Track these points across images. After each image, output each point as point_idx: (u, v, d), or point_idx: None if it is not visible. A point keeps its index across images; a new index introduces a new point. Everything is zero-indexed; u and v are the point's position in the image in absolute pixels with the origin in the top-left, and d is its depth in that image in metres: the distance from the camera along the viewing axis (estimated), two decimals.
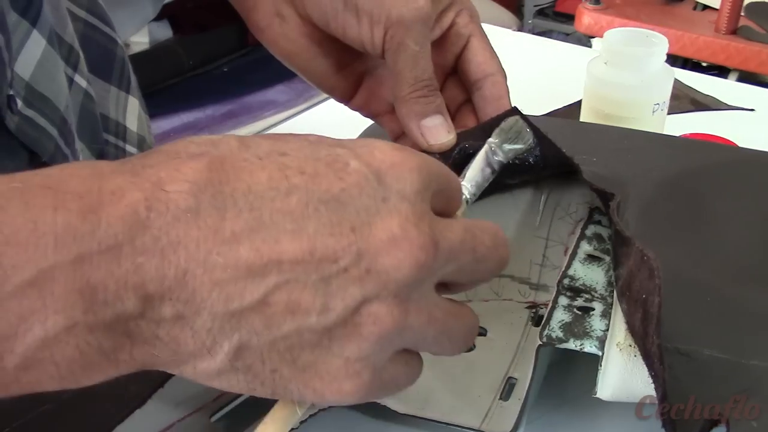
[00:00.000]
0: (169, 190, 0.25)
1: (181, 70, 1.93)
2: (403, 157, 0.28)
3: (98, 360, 0.25)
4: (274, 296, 0.26)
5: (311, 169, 0.27)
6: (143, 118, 0.66)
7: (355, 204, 0.27)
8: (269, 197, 0.26)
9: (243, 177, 0.26)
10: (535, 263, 0.50)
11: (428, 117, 0.42)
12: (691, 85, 0.85)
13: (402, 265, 0.27)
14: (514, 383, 0.44)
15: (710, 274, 0.38)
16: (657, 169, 0.49)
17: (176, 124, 1.89)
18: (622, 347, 0.34)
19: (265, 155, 0.27)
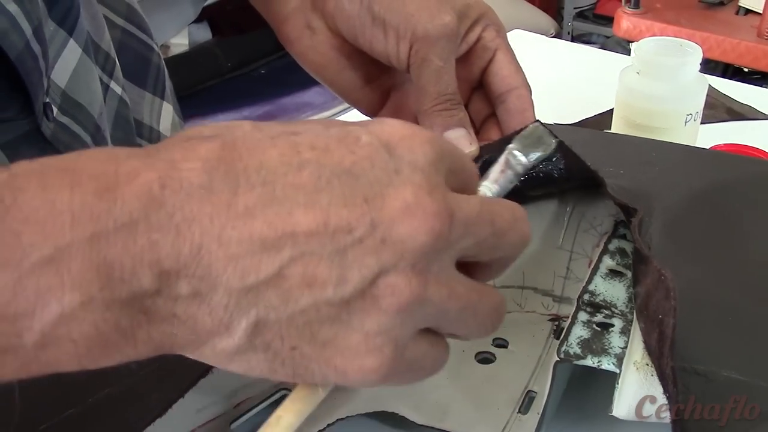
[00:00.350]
0: (182, 168, 0.26)
1: (219, 72, 1.95)
2: (414, 131, 0.28)
3: (116, 338, 0.25)
4: (289, 269, 0.26)
5: (322, 144, 0.27)
6: (177, 123, 0.67)
7: (368, 176, 0.27)
8: (281, 172, 0.26)
9: (255, 154, 0.27)
10: (559, 276, 0.50)
11: (451, 129, 0.43)
12: (728, 93, 0.83)
13: (417, 233, 0.26)
14: (533, 397, 0.44)
15: (734, 293, 0.38)
16: (685, 182, 0.49)
17: None
18: (639, 366, 0.34)
19: (277, 135, 0.27)
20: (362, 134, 0.28)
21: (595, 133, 0.60)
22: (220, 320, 0.26)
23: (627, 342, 0.37)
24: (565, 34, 2.38)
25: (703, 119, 0.71)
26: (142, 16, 0.62)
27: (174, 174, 0.26)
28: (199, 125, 0.29)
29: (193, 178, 0.26)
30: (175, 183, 0.25)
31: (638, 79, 0.65)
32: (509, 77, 0.45)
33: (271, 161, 0.26)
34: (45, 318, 0.24)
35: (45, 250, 0.24)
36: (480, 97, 0.47)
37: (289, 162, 0.26)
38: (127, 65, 0.60)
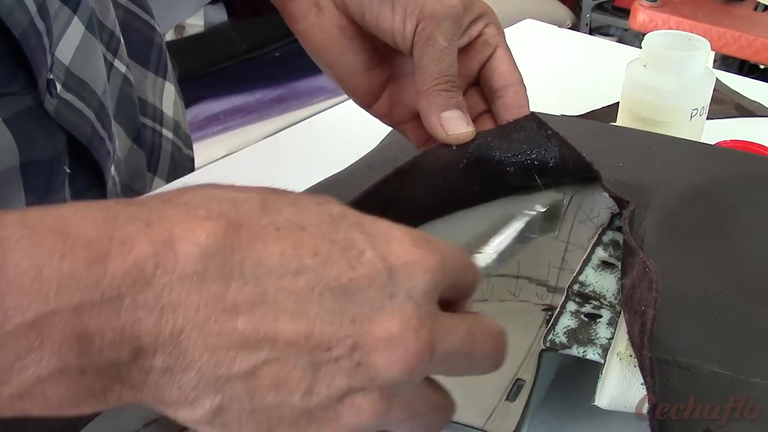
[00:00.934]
0: (179, 250, 0.26)
1: (233, 54, 1.95)
2: (420, 256, 0.28)
3: (87, 398, 0.26)
4: (262, 370, 0.26)
5: (325, 252, 0.27)
6: (179, 103, 0.67)
7: (361, 296, 0.27)
8: (277, 274, 0.26)
9: (256, 247, 0.27)
10: (554, 266, 0.50)
11: (448, 110, 0.43)
12: (739, 89, 0.83)
13: (393, 366, 0.27)
14: (521, 385, 0.44)
15: (722, 288, 0.38)
16: (684, 177, 0.49)
17: (226, 106, 1.92)
18: (623, 357, 0.34)
19: (283, 226, 0.27)
20: (367, 249, 0.27)
21: (598, 124, 0.60)
22: (186, 396, 0.27)
23: (613, 333, 0.37)
24: (583, 25, 2.36)
25: (711, 115, 0.71)
26: None
27: (170, 254, 0.26)
28: (213, 111, 0.29)
29: (188, 264, 0.26)
30: (169, 264, 0.26)
31: (645, 72, 0.65)
32: (507, 74, 0.45)
33: (270, 260, 0.26)
34: (21, 377, 0.25)
35: (28, 314, 0.24)
36: (475, 93, 0.47)
37: (288, 264, 0.27)
38: (130, 45, 0.60)
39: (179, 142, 0.69)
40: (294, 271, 0.26)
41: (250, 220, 0.27)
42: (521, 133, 0.43)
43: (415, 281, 0.28)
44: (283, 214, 0.28)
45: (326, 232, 0.28)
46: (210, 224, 0.26)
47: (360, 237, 0.28)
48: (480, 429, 0.41)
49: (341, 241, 0.27)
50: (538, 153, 0.44)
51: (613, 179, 0.46)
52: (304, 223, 0.28)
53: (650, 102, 0.64)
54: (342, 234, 0.28)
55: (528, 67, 0.46)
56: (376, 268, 0.27)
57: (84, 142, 0.52)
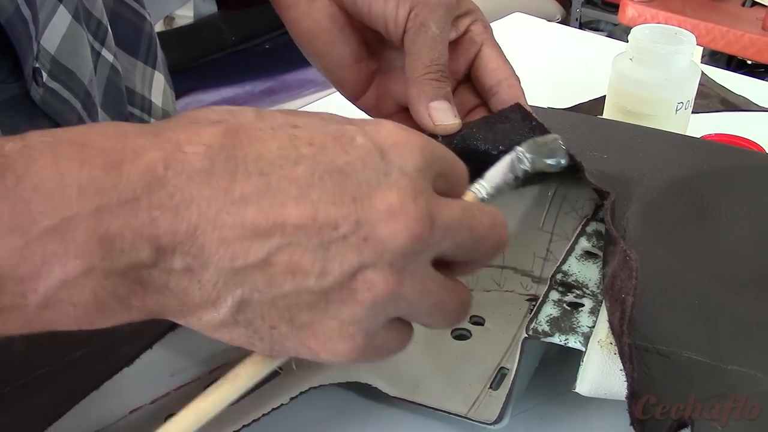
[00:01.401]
0: (186, 151, 0.27)
1: (223, 46, 1.94)
2: (407, 137, 0.30)
3: (112, 304, 0.27)
4: (276, 257, 0.27)
5: (320, 141, 0.29)
6: (168, 93, 0.67)
7: (358, 176, 0.28)
8: (278, 164, 0.28)
9: (255, 144, 0.28)
10: (539, 256, 0.51)
11: (437, 101, 0.43)
12: (725, 83, 0.83)
13: (398, 235, 0.28)
14: (505, 374, 0.45)
15: (703, 277, 0.38)
16: (667, 169, 0.49)
17: (216, 98, 1.91)
18: (603, 344, 0.34)
19: (278, 126, 0.29)
20: (357, 135, 0.29)
21: (583, 117, 0.60)
22: (208, 296, 0.28)
23: (595, 322, 0.37)
24: (573, 20, 2.36)
25: (696, 109, 0.71)
26: None
27: (178, 156, 0.27)
28: (202, 103, 0.31)
29: (195, 161, 0.27)
30: (178, 165, 0.27)
31: (631, 65, 0.65)
32: (498, 69, 0.45)
33: (270, 153, 0.28)
34: (48, 282, 0.26)
35: (52, 219, 0.26)
36: (466, 89, 0.47)
37: (286, 156, 0.28)
38: (119, 34, 0.60)
39: None
40: (293, 160, 0.28)
41: (246, 124, 0.29)
42: (506, 123, 0.43)
43: (405, 159, 0.29)
44: (277, 119, 0.30)
45: (319, 126, 0.29)
46: (211, 128, 0.28)
47: (350, 128, 0.30)
48: (463, 417, 0.42)
49: (333, 131, 0.29)
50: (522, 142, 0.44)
51: (597, 171, 0.46)
52: (297, 122, 0.29)
53: (636, 95, 0.65)
54: (333, 127, 0.30)
55: (516, 60, 0.46)
56: (368, 150, 0.29)
57: None
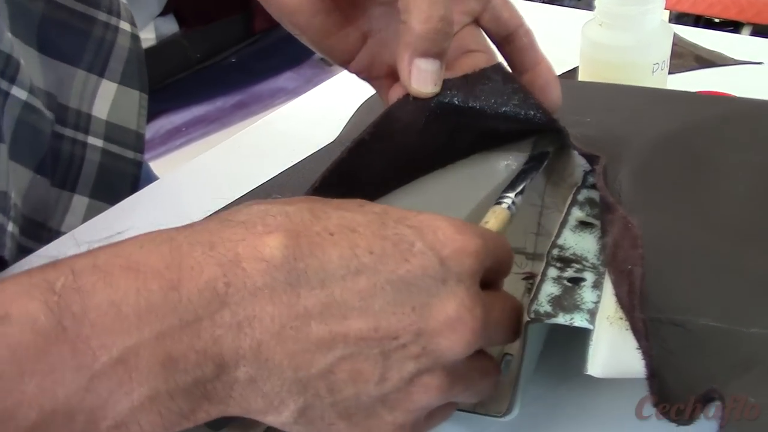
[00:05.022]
0: (247, 267, 0.27)
1: (188, 64, 1.92)
2: (464, 242, 0.31)
3: (178, 419, 0.28)
4: (339, 366, 0.28)
5: (379, 249, 0.29)
6: (123, 103, 0.64)
7: (418, 285, 0.29)
8: (340, 275, 0.28)
9: (316, 253, 0.28)
10: (530, 232, 0.49)
11: (425, 58, 0.39)
12: (696, 41, 0.82)
13: (455, 346, 0.30)
14: (509, 360, 0.43)
15: (708, 235, 0.36)
16: (654, 125, 0.47)
17: (188, 118, 1.89)
18: (613, 320, 0.32)
19: (336, 230, 0.29)
20: (417, 241, 0.30)
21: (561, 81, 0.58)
22: (271, 402, 0.28)
23: (600, 296, 0.35)
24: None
25: (672, 69, 0.69)
26: None
27: (238, 272, 0.27)
28: (173, 124, 0.29)
29: (257, 278, 0.27)
30: (239, 281, 0.27)
31: (601, 31, 0.63)
32: (511, 18, 0.43)
33: (331, 263, 0.28)
34: (117, 410, 0.27)
35: (114, 352, 0.26)
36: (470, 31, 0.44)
37: (348, 265, 0.29)
38: (54, 41, 0.56)
39: (115, 147, 0.64)
40: (354, 270, 0.28)
41: (305, 228, 0.29)
42: (487, 84, 0.41)
43: (462, 266, 0.30)
44: (332, 218, 0.30)
45: (376, 230, 0.30)
46: (270, 238, 0.28)
47: (408, 231, 0.30)
48: (470, 411, 0.40)
49: (392, 236, 0.30)
50: (503, 106, 0.42)
51: (581, 135, 0.44)
52: (354, 224, 0.30)
53: (610, 61, 0.63)
54: (390, 230, 0.30)
55: None
56: (428, 258, 0.30)
57: None
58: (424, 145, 0.43)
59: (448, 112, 0.41)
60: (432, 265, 0.29)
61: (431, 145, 0.44)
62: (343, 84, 0.80)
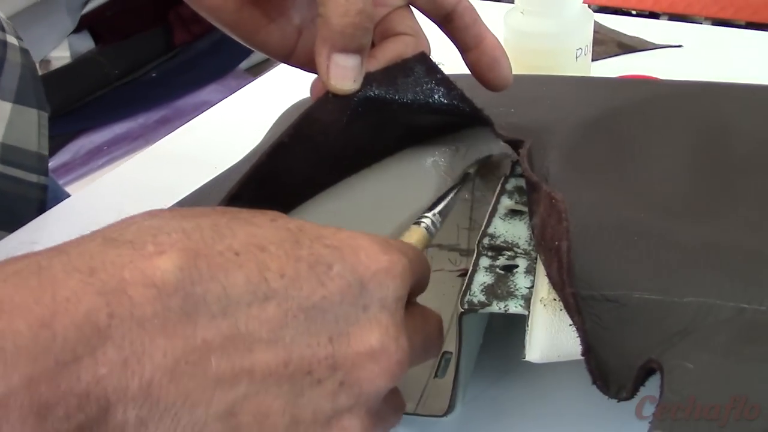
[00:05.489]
0: (134, 295, 0.23)
1: (107, 81, 1.86)
2: (388, 263, 0.27)
3: None
4: (242, 406, 0.25)
5: (292, 271, 0.26)
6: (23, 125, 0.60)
7: (335, 311, 0.26)
8: (245, 302, 0.25)
9: (218, 276, 0.25)
10: (463, 227, 0.47)
11: (345, 54, 0.37)
12: (617, 28, 0.82)
13: (378, 379, 0.27)
14: (449, 358, 0.41)
15: (637, 212, 0.35)
16: (578, 111, 0.46)
17: (109, 136, 1.83)
18: (546, 302, 0.31)
19: (243, 249, 0.25)
20: (335, 262, 0.27)
21: None
22: None
23: (533, 281, 0.34)
24: None
25: (595, 56, 0.70)
26: None
27: (124, 300, 0.23)
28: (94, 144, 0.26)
29: (146, 307, 0.23)
30: (124, 311, 0.23)
31: (523, 18, 0.63)
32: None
33: (235, 288, 0.25)
34: None
35: None
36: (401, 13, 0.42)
37: (255, 291, 0.25)
38: None
39: (14, 170, 0.61)
40: (262, 296, 0.25)
41: (205, 247, 0.25)
42: (409, 77, 0.40)
43: (386, 289, 0.27)
44: (239, 236, 0.26)
45: (289, 249, 0.26)
46: (162, 260, 0.24)
47: (325, 252, 0.27)
48: (413, 414, 0.38)
49: (307, 257, 0.26)
50: (427, 98, 0.40)
51: (507, 124, 0.43)
52: (264, 242, 0.26)
53: (533, 48, 0.63)
54: (305, 250, 0.27)
55: None
56: (347, 282, 0.26)
57: None
58: (348, 145, 0.41)
59: (371, 109, 0.40)
60: (352, 289, 0.26)
61: (356, 144, 0.42)
62: (265, 89, 0.78)
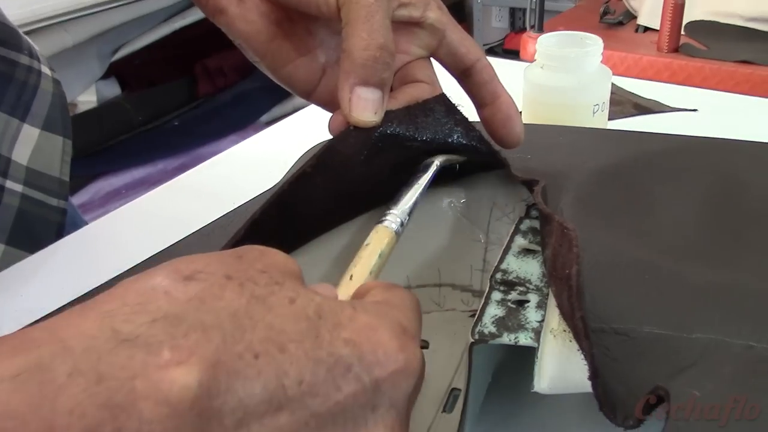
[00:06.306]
0: (145, 410, 0.22)
1: (130, 126, 1.90)
2: (405, 362, 0.27)
3: None
4: None
5: (310, 376, 0.25)
6: (47, 151, 0.62)
7: (345, 414, 0.26)
8: (260, 411, 0.24)
9: (236, 387, 0.23)
10: (476, 269, 0.48)
11: (366, 87, 0.38)
12: (634, 91, 0.84)
13: None
14: (457, 395, 0.41)
15: (648, 253, 0.36)
16: (593, 160, 0.47)
17: (128, 180, 1.85)
18: (557, 333, 0.31)
19: (262, 350, 0.24)
20: (354, 364, 0.26)
21: None
22: None
23: (544, 315, 0.34)
24: None
25: (611, 115, 0.71)
26: (14, 30, 0.58)
27: (132, 417, 0.22)
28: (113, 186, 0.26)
29: (156, 426, 0.22)
30: (132, 427, 0.22)
31: (542, 73, 0.64)
32: (468, 53, 0.43)
33: (252, 398, 0.24)
34: None
35: None
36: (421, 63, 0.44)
37: (270, 400, 0.24)
38: None
39: (36, 193, 0.62)
40: (277, 405, 0.24)
41: (225, 351, 0.24)
42: (429, 116, 0.41)
43: (399, 389, 0.27)
44: (258, 330, 0.25)
45: (309, 349, 0.25)
46: (180, 373, 0.22)
47: (345, 351, 0.26)
48: None
49: (326, 359, 0.26)
50: (446, 138, 0.41)
51: (523, 167, 0.44)
52: (284, 339, 0.25)
53: (551, 102, 0.64)
54: (325, 349, 0.26)
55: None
56: (362, 385, 0.26)
57: None
58: (366, 180, 0.42)
59: (391, 145, 0.41)
60: (366, 392, 0.26)
61: (374, 180, 0.43)
62: (283, 133, 0.80)
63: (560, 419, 0.40)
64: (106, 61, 1.95)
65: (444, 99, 0.42)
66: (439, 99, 0.42)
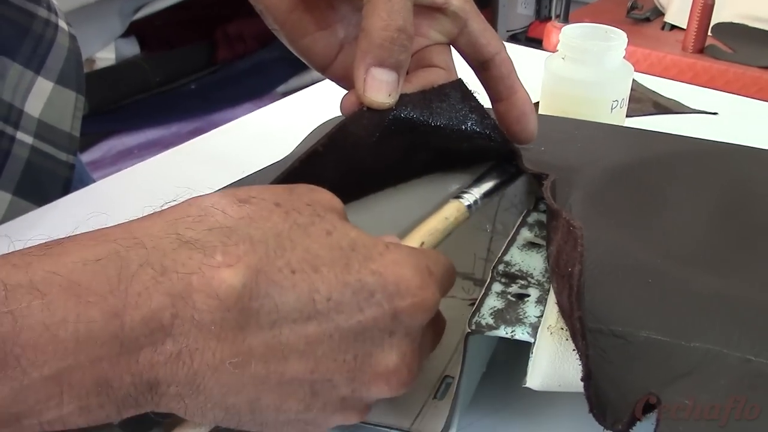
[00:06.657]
0: (198, 301, 0.26)
1: (147, 87, 1.89)
2: (423, 298, 0.30)
3: (104, 419, 0.27)
4: (266, 396, 0.29)
5: (338, 295, 0.29)
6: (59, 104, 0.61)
7: (365, 334, 0.29)
8: (291, 319, 0.28)
9: (273, 293, 0.28)
10: (480, 258, 0.47)
11: (381, 68, 0.38)
12: (655, 89, 0.83)
13: (383, 393, 0.31)
14: (450, 382, 0.41)
15: (653, 257, 0.35)
16: (607, 157, 0.47)
17: (141, 140, 1.85)
18: (553, 330, 0.31)
19: (299, 267, 0.28)
20: (377, 291, 0.30)
21: None
22: (192, 414, 0.28)
23: (543, 311, 0.34)
24: None
25: (630, 113, 0.70)
26: None
27: (188, 305, 0.26)
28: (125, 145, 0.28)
29: (206, 315, 0.26)
30: (187, 314, 0.26)
31: (563, 64, 0.63)
32: (489, 45, 0.42)
33: (286, 306, 0.28)
34: (44, 417, 0.26)
35: (45, 370, 0.25)
36: (439, 49, 0.43)
37: (302, 310, 0.28)
38: None
39: (46, 146, 0.62)
40: (307, 315, 0.28)
41: (267, 263, 0.28)
42: (444, 102, 0.40)
43: (415, 320, 0.30)
44: (297, 250, 0.29)
45: (339, 273, 0.29)
46: (228, 274, 0.27)
47: (371, 280, 0.29)
48: (406, 430, 0.38)
49: (353, 283, 0.29)
50: (459, 125, 0.41)
51: (536, 160, 0.43)
52: (318, 262, 0.29)
53: (570, 94, 0.63)
54: (354, 275, 0.29)
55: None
56: (383, 310, 0.29)
57: None
58: (377, 161, 0.42)
59: (403, 129, 0.40)
60: (384, 318, 0.29)
61: (384, 162, 0.42)
62: (298, 105, 0.79)
63: (550, 414, 0.39)
64: (127, 20, 1.94)
65: (460, 85, 0.42)
66: (455, 85, 0.42)
